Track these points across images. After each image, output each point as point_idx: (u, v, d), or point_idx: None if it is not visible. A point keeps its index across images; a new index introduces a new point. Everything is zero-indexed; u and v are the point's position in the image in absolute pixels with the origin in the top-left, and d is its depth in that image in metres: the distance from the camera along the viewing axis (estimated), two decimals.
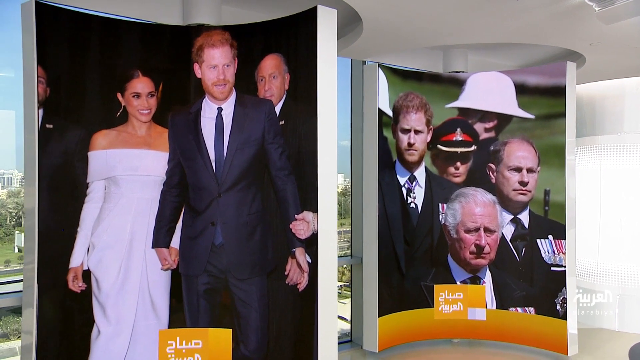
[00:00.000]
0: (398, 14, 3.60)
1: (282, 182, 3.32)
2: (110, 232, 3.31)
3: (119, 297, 3.31)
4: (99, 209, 3.30)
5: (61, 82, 3.15)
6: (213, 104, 3.42)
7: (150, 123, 3.41)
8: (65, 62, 3.19)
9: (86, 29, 3.25)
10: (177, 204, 3.46)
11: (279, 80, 3.37)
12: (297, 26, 3.26)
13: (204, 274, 3.44)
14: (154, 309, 3.42)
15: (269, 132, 3.35)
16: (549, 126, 4.80)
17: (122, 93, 3.34)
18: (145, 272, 3.39)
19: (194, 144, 3.42)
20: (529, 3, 3.35)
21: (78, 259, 3.23)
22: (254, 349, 3.41)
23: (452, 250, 5.02)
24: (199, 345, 3.45)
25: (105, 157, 3.30)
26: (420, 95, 4.94)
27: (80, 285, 3.22)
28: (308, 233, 3.22)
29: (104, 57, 3.33)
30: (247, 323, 3.42)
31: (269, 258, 3.41)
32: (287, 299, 3.35)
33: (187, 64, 3.42)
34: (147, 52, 3.45)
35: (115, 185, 3.32)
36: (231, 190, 3.39)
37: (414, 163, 4.97)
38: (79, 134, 3.23)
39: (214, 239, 3.42)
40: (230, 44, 3.39)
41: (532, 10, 3.48)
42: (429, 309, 5.04)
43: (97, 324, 3.27)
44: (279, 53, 3.37)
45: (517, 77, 4.97)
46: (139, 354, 3.37)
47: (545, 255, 4.80)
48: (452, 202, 5.04)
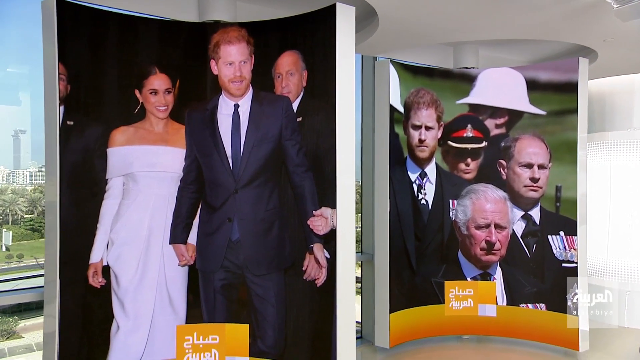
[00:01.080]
0: (415, 11, 3.69)
1: (299, 178, 3.41)
2: (128, 228, 3.40)
3: (137, 293, 3.41)
4: (117, 205, 3.39)
5: (81, 79, 3.24)
6: (230, 100, 3.51)
7: (168, 119, 3.49)
8: (85, 59, 3.27)
9: (105, 26, 3.33)
10: (194, 200, 3.55)
11: (296, 77, 3.46)
12: (315, 23, 3.34)
13: (221, 270, 3.53)
14: (172, 304, 3.51)
15: (286, 129, 3.44)
16: (561, 122, 4.89)
17: (139, 90, 3.43)
18: (162, 268, 3.49)
19: (211, 141, 3.50)
20: (547, 0, 3.43)
21: (98, 254, 3.32)
22: (271, 344, 3.51)
23: (462, 246, 5.12)
24: (216, 341, 3.54)
25: (124, 154, 3.39)
26: (431, 91, 5.02)
27: (100, 281, 3.32)
28: (326, 229, 3.31)
29: (122, 54, 3.41)
30: (264, 318, 3.52)
31: (286, 254, 3.50)
32: (304, 294, 3.44)
33: (203, 61, 3.51)
34: (164, 48, 3.53)
35: (134, 181, 3.41)
36: (248, 186, 3.48)
37: (424, 159, 5.06)
38: (98, 130, 3.33)
39: (231, 235, 3.51)
40: (246, 40, 3.47)
41: (548, 7, 3.57)
42: (440, 306, 5.13)
43: (116, 319, 3.36)
44: (297, 50, 3.45)
45: (528, 73, 5.05)
46: (157, 348, 3.47)
47: (557, 252, 4.89)
48: (463, 198, 5.13)
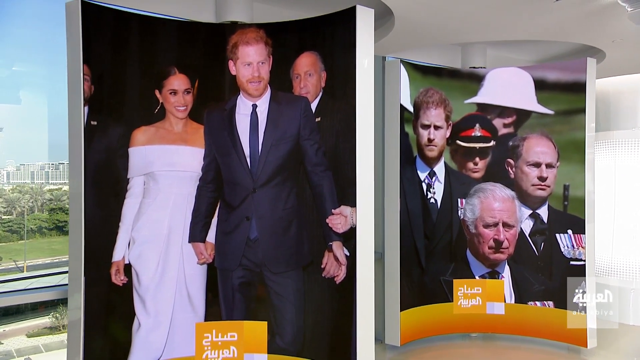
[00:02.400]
0: (430, 13, 3.83)
1: (318, 177, 3.54)
2: (149, 227, 3.52)
3: (157, 291, 3.53)
4: (138, 204, 3.51)
5: (104, 80, 3.35)
6: (248, 100, 3.63)
7: (187, 119, 3.61)
8: (107, 59, 3.39)
9: (126, 27, 3.45)
10: (212, 199, 3.67)
11: (314, 78, 3.59)
12: (334, 25, 3.47)
13: (239, 268, 3.65)
14: (191, 302, 3.63)
15: (305, 129, 3.56)
16: (569, 122, 5.05)
17: (159, 90, 3.54)
18: (182, 266, 3.60)
19: (229, 140, 3.63)
20: (564, 2, 3.57)
21: (120, 253, 3.44)
22: (290, 341, 3.64)
23: (470, 245, 5.27)
24: (235, 338, 3.67)
25: (144, 153, 3.51)
26: (440, 90, 5.17)
27: (122, 279, 3.43)
28: (346, 227, 3.44)
29: (142, 55, 3.53)
30: (282, 316, 3.65)
31: (304, 252, 3.64)
32: (323, 291, 3.57)
33: (222, 61, 3.63)
34: (183, 49, 3.65)
35: (154, 180, 3.53)
36: (266, 185, 3.61)
37: (433, 158, 5.20)
38: (120, 130, 3.44)
39: (249, 233, 3.63)
40: (264, 41, 3.59)
41: (561, 10, 3.72)
42: (448, 304, 5.28)
43: (138, 317, 3.48)
44: (315, 51, 3.58)
45: (536, 72, 5.20)
46: (177, 346, 3.59)
47: (565, 250, 5.06)
48: (471, 197, 5.28)
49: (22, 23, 4.83)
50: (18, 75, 5.76)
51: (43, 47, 4.96)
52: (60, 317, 4.53)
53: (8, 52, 5.02)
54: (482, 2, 3.72)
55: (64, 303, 4.46)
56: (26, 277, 4.61)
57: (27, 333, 4.56)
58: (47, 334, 4.53)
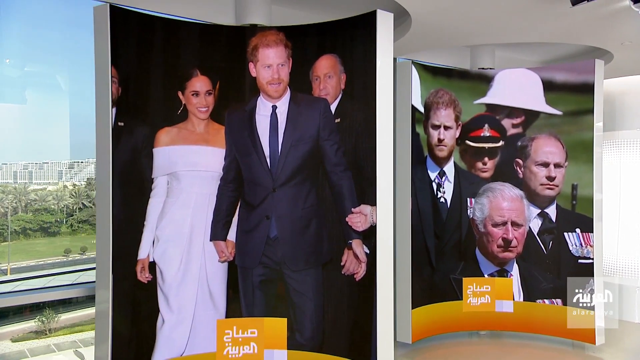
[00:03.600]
0: (447, 16, 3.98)
1: (337, 177, 3.68)
2: (172, 226, 3.65)
3: (180, 288, 3.66)
4: (162, 203, 3.64)
5: (130, 82, 3.48)
6: (268, 102, 3.76)
7: (208, 120, 3.74)
8: (133, 62, 3.52)
9: (151, 30, 3.58)
10: (233, 198, 3.80)
11: (334, 80, 3.72)
12: (354, 28, 3.61)
13: (259, 266, 3.79)
14: (212, 299, 3.76)
15: (324, 130, 3.70)
16: (577, 122, 5.20)
17: (182, 91, 3.67)
18: (204, 264, 3.74)
19: (249, 141, 3.76)
20: (578, 7, 3.71)
21: (145, 251, 3.57)
22: (309, 337, 3.77)
23: (480, 244, 5.41)
24: (255, 334, 3.80)
25: (168, 154, 3.64)
26: (450, 91, 5.31)
27: (147, 277, 3.57)
28: (366, 225, 3.59)
29: (166, 57, 3.66)
30: (302, 312, 3.78)
31: (324, 250, 3.77)
32: (343, 288, 3.71)
33: (242, 63, 3.76)
34: (205, 51, 3.78)
35: (177, 180, 3.66)
36: (286, 185, 3.74)
37: (443, 158, 5.34)
38: (145, 131, 3.58)
39: (269, 232, 3.77)
40: (284, 44, 3.72)
41: (576, 13, 3.86)
42: (458, 302, 5.42)
43: (162, 313, 3.62)
44: (335, 54, 3.72)
45: (544, 73, 5.35)
46: (199, 342, 3.72)
47: (573, 248, 5.21)
48: (480, 196, 5.42)
49: (35, 24, 4.95)
50: (28, 75, 5.86)
51: (54, 48, 5.08)
52: (46, 321, 4.58)
53: (20, 52, 5.12)
54: (498, 6, 3.87)
55: (50, 306, 4.54)
56: (11, 280, 4.66)
57: (11, 338, 4.57)
58: (32, 339, 4.55)
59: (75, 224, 5.09)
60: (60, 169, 5.26)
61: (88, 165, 5.33)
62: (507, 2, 3.71)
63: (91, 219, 5.03)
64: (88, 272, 4.75)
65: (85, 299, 4.56)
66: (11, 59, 4.92)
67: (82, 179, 5.32)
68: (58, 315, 4.67)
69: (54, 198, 5.12)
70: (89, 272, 4.72)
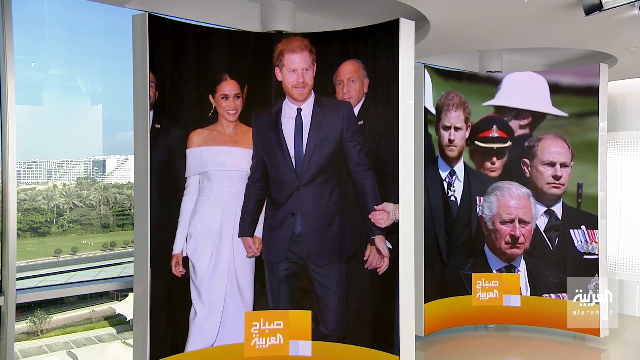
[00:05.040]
0: (465, 24, 4.19)
1: (360, 176, 3.87)
2: (203, 223, 3.85)
3: (211, 282, 3.86)
4: (194, 201, 3.83)
5: (165, 86, 3.67)
6: (293, 104, 3.96)
7: (237, 122, 3.94)
8: (169, 67, 3.71)
9: (184, 36, 3.78)
10: (260, 196, 3.99)
11: (357, 84, 3.92)
12: (377, 35, 3.81)
13: (285, 261, 3.98)
14: (241, 292, 3.96)
15: (347, 131, 3.89)
16: (582, 124, 5.42)
17: (212, 95, 3.87)
18: (232, 259, 3.93)
19: (275, 142, 3.95)
20: (591, 16, 3.92)
21: (179, 246, 3.77)
22: (333, 328, 3.97)
23: (488, 240, 5.62)
24: (281, 326, 4.00)
25: (200, 154, 3.83)
26: (460, 94, 5.52)
27: (180, 271, 3.76)
28: (388, 222, 3.79)
29: (198, 62, 3.85)
30: (326, 305, 3.98)
31: (347, 245, 3.97)
32: (365, 281, 3.91)
33: (269, 68, 3.95)
34: (234, 57, 3.97)
35: (208, 179, 3.86)
36: (310, 184, 3.94)
37: (453, 158, 5.55)
38: (179, 132, 3.77)
39: (294, 228, 3.96)
40: (309, 49, 3.92)
41: (583, 22, 4.08)
42: (467, 296, 5.63)
43: (194, 306, 3.81)
44: (358, 59, 3.92)
45: (551, 77, 5.57)
46: (228, 333, 3.92)
47: (578, 245, 5.43)
48: (489, 195, 5.63)
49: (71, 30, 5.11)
50: (51, 78, 6.02)
51: (81, 51, 5.24)
52: (38, 322, 4.61)
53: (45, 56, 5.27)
54: (514, 14, 4.08)
55: (41, 307, 4.62)
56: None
57: None
58: (24, 340, 4.57)
59: (65, 224, 5.08)
60: (49, 168, 5.28)
61: (77, 165, 5.36)
62: (523, 11, 3.91)
63: (82, 219, 5.08)
64: (80, 273, 4.88)
65: (76, 299, 4.75)
66: (36, 62, 5.07)
67: (71, 178, 5.32)
68: (50, 316, 4.70)
69: (44, 198, 5.11)
70: (80, 273, 4.87)
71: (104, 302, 4.87)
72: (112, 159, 5.42)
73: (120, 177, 5.52)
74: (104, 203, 5.32)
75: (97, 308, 5.03)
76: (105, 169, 5.57)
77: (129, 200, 5.16)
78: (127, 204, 5.28)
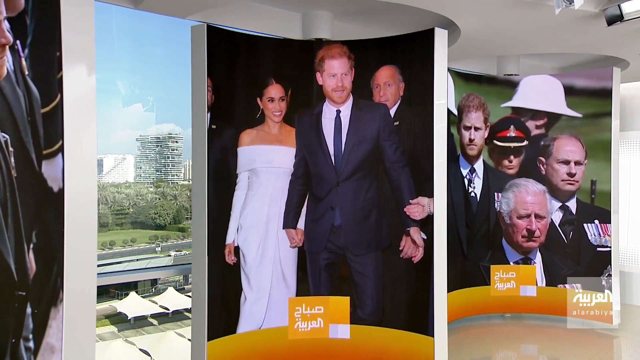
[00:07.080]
0: (492, 32, 4.50)
1: (396, 173, 4.21)
2: (252, 215, 4.19)
3: (259, 270, 4.19)
4: (244, 195, 4.17)
5: (220, 90, 4.00)
6: (332, 107, 4.29)
7: (282, 123, 4.27)
8: (223, 73, 4.04)
9: (236, 44, 4.11)
10: (302, 191, 4.33)
11: (393, 88, 4.25)
12: (412, 43, 4.14)
13: (325, 251, 4.32)
14: (285, 280, 4.29)
15: (384, 131, 4.22)
16: (595, 124, 5.74)
17: (260, 98, 4.20)
18: (277, 249, 4.27)
19: (316, 141, 4.29)
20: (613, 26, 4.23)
21: (231, 236, 4.11)
22: (370, 313, 4.31)
23: (506, 234, 5.95)
24: (321, 311, 4.33)
25: (249, 152, 4.17)
26: (479, 95, 5.85)
27: (232, 259, 4.10)
28: (423, 215, 4.12)
29: (248, 68, 4.19)
30: (363, 291, 4.32)
31: (383, 236, 4.30)
32: (401, 270, 4.25)
33: (310, 73, 4.28)
34: (279, 63, 4.31)
35: (256, 176, 4.19)
36: (348, 180, 4.27)
37: (473, 157, 5.88)
38: (231, 132, 4.11)
39: (334, 221, 4.30)
40: (347, 56, 4.25)
41: (606, 30, 4.36)
42: (486, 287, 5.96)
43: (244, 292, 4.15)
44: (394, 65, 4.25)
45: (565, 79, 5.89)
46: (274, 317, 4.25)
47: (592, 238, 5.75)
48: (506, 191, 5.96)
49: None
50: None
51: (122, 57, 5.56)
52: None
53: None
54: (539, 23, 4.36)
55: None
56: None
57: None
58: None
59: None
60: None
61: None
62: (546, 19, 4.21)
63: None
64: None
65: None
66: None
67: None
68: None
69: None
70: None
71: (105, 300, 5.10)
72: (110, 158, 5.69)
73: (118, 176, 5.79)
74: (102, 202, 5.58)
75: (99, 307, 5.30)
76: (103, 168, 5.83)
77: (128, 200, 5.41)
78: (125, 203, 5.53)
